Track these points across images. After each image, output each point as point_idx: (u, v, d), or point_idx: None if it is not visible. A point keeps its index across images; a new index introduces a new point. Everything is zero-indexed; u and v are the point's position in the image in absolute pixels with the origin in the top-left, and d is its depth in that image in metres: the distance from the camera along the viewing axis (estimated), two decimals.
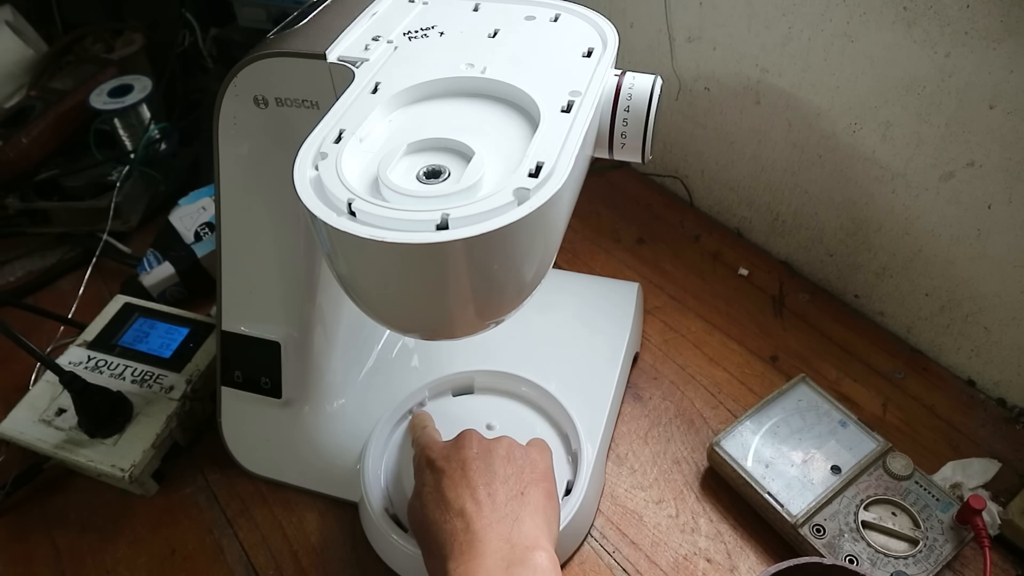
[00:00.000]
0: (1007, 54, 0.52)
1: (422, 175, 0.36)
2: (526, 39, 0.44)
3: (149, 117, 0.88)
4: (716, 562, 0.55)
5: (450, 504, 0.44)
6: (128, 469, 0.57)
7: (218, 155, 0.50)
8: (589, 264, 0.80)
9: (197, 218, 0.77)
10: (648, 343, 0.71)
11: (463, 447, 0.48)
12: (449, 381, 0.62)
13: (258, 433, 0.61)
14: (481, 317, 0.39)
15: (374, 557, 0.55)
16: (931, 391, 0.66)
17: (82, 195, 0.84)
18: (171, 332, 0.67)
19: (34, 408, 0.62)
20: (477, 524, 0.43)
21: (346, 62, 0.42)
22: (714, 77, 0.75)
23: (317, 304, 0.57)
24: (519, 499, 0.45)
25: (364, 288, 0.38)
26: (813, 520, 0.53)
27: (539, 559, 0.41)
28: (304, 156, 0.36)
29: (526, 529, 0.43)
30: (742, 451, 0.58)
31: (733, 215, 0.82)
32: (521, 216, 0.33)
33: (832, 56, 0.63)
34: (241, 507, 0.60)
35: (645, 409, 0.65)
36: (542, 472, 0.48)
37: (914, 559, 0.51)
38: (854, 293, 0.73)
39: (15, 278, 0.81)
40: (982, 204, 0.59)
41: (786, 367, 0.68)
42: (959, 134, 0.57)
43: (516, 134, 0.39)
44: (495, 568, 0.40)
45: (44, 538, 0.59)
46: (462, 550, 0.42)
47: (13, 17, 1.00)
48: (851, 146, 0.66)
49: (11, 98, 0.97)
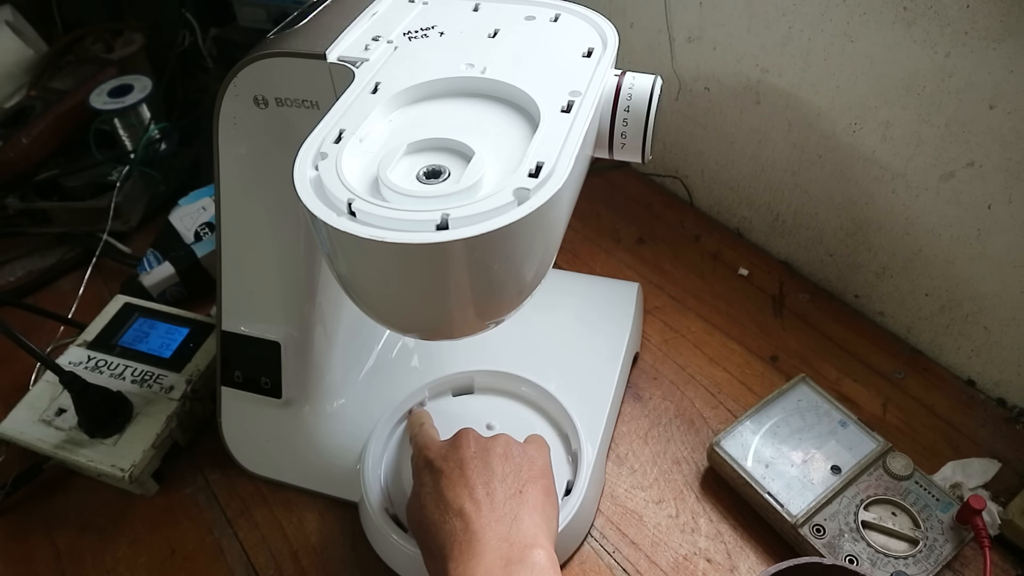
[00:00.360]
0: (1007, 54, 0.52)
1: (422, 175, 0.36)
2: (526, 39, 0.44)
3: (149, 117, 0.88)
4: (716, 562, 0.55)
5: (449, 504, 0.44)
6: (128, 469, 0.57)
7: (218, 155, 0.50)
8: (589, 264, 0.80)
9: (197, 218, 0.77)
10: (648, 343, 0.71)
11: (460, 446, 0.48)
12: (449, 381, 0.62)
13: (258, 433, 0.61)
14: (481, 317, 0.39)
15: (374, 557, 0.55)
16: (931, 391, 0.66)
17: (82, 195, 0.84)
18: (171, 332, 0.67)
19: (34, 408, 0.62)
20: (476, 524, 0.43)
21: (346, 62, 0.42)
22: (714, 77, 0.75)
23: (317, 304, 0.57)
24: (517, 497, 0.45)
25: (364, 288, 0.38)
26: (813, 520, 0.53)
27: (537, 557, 0.41)
28: (304, 156, 0.36)
29: (524, 527, 0.43)
30: (742, 451, 0.58)
31: (733, 215, 0.82)
32: (521, 216, 0.33)
33: (832, 56, 0.63)
34: (241, 507, 0.60)
35: (645, 409, 0.65)
36: (540, 469, 0.48)
37: (914, 559, 0.51)
38: (854, 293, 0.73)
39: (15, 278, 0.81)
40: (982, 204, 0.59)
41: (786, 367, 0.68)
42: (959, 134, 0.57)
43: (516, 134, 0.39)
44: (494, 567, 0.40)
45: (44, 538, 0.59)
46: (461, 550, 0.42)
47: (13, 17, 1.00)
48: (851, 146, 0.66)
49: (11, 98, 0.97)
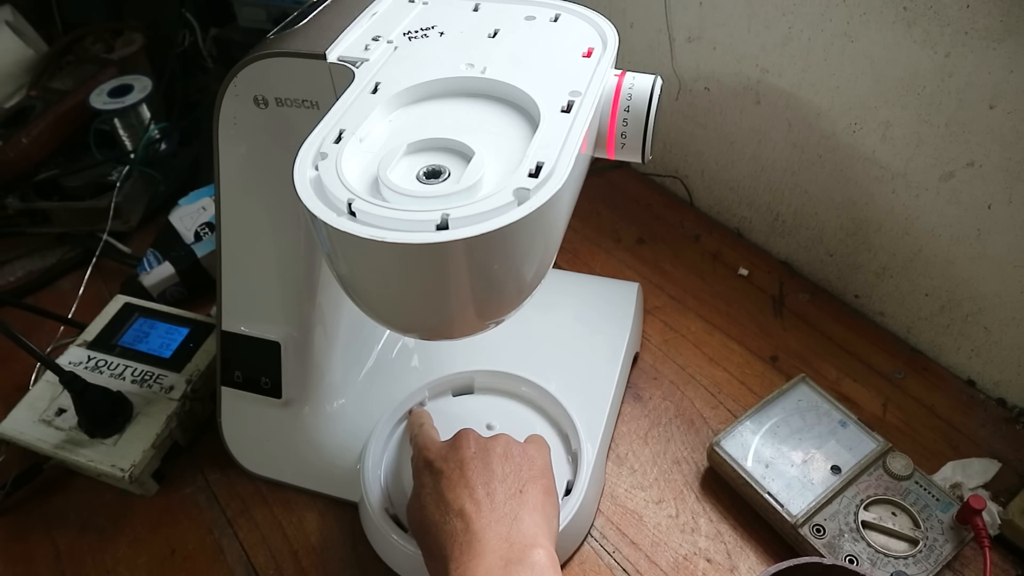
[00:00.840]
0: (1007, 54, 0.52)
1: (422, 175, 0.36)
2: (526, 39, 0.44)
3: (149, 117, 0.88)
4: (716, 562, 0.55)
5: (449, 505, 0.44)
6: (128, 469, 0.57)
7: (218, 155, 0.50)
8: (589, 264, 0.80)
9: (197, 218, 0.77)
10: (648, 343, 0.71)
11: (460, 447, 0.48)
12: (449, 381, 0.62)
13: (258, 433, 0.61)
14: (481, 317, 0.39)
15: (374, 557, 0.55)
16: (931, 391, 0.66)
17: (82, 195, 0.84)
18: (171, 332, 0.67)
19: (34, 408, 0.62)
20: (476, 524, 0.43)
21: (346, 62, 0.42)
22: (714, 77, 0.75)
23: (317, 304, 0.57)
24: (518, 497, 0.45)
25: (364, 288, 0.38)
26: (813, 520, 0.53)
27: (537, 556, 0.41)
28: (304, 156, 0.36)
29: (525, 527, 0.43)
30: (742, 451, 0.58)
31: (733, 215, 0.82)
32: (521, 216, 0.33)
33: (832, 56, 0.63)
34: (241, 507, 0.60)
35: (645, 409, 0.65)
36: (540, 469, 0.48)
37: (914, 559, 0.51)
38: (854, 293, 0.73)
39: (15, 278, 0.82)
40: (982, 204, 0.59)
41: (786, 367, 0.68)
42: (959, 134, 0.57)
43: (516, 134, 0.39)
44: (494, 567, 0.40)
45: (44, 538, 0.59)
46: (462, 550, 0.42)
47: (13, 17, 1.00)
48: (851, 146, 0.66)
49: (11, 98, 0.97)
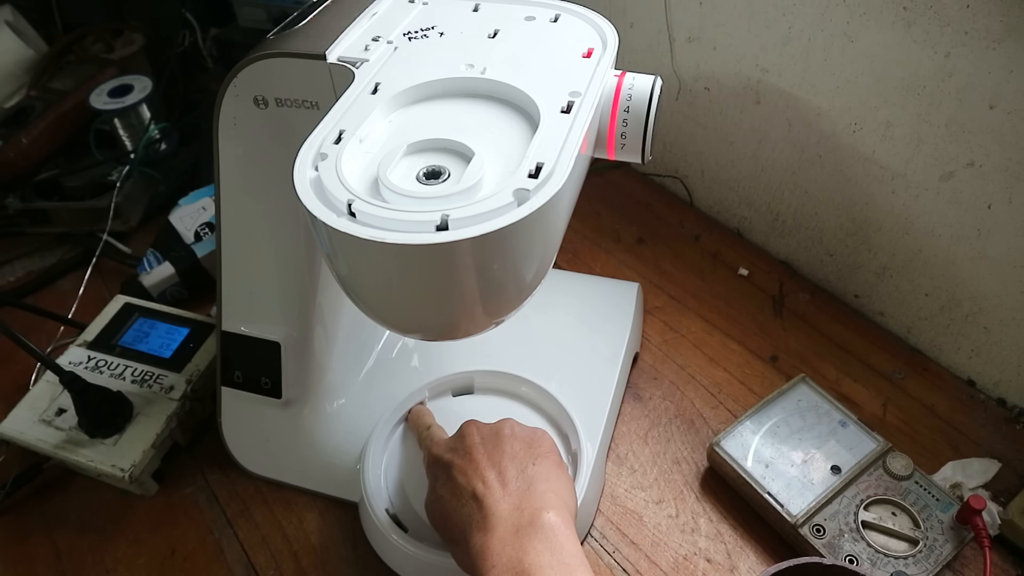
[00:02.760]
0: (1007, 54, 0.52)
1: (422, 176, 0.36)
2: (526, 39, 0.44)
3: (149, 117, 0.88)
4: (716, 562, 0.55)
5: (463, 489, 0.45)
6: (128, 469, 0.57)
7: (218, 155, 0.50)
8: (589, 264, 0.80)
9: (197, 218, 0.77)
10: (648, 343, 0.71)
11: (467, 435, 0.49)
12: (449, 381, 0.62)
13: (258, 433, 0.61)
14: (481, 318, 0.39)
15: (374, 557, 0.55)
16: (931, 391, 0.66)
17: (82, 195, 0.84)
18: (171, 332, 0.67)
19: (34, 408, 0.62)
20: (489, 500, 0.44)
21: (346, 62, 0.42)
22: (714, 77, 0.75)
23: (317, 304, 0.57)
24: (530, 469, 0.46)
25: (364, 289, 0.38)
26: (813, 520, 0.53)
27: (547, 517, 0.42)
28: (304, 157, 0.36)
29: (535, 495, 0.44)
30: (742, 451, 0.58)
31: (733, 215, 0.82)
32: (521, 217, 0.33)
33: (832, 56, 0.63)
34: (241, 507, 0.60)
35: (645, 409, 0.65)
36: (548, 447, 0.49)
37: (914, 559, 0.51)
38: (854, 293, 0.73)
39: (15, 278, 0.82)
40: (982, 204, 0.59)
41: (786, 367, 0.68)
42: (959, 134, 0.57)
43: (516, 135, 0.39)
44: (506, 536, 0.41)
45: (44, 538, 0.59)
46: (478, 528, 0.43)
47: (13, 17, 1.00)
48: (851, 146, 0.66)
49: (11, 98, 0.97)
